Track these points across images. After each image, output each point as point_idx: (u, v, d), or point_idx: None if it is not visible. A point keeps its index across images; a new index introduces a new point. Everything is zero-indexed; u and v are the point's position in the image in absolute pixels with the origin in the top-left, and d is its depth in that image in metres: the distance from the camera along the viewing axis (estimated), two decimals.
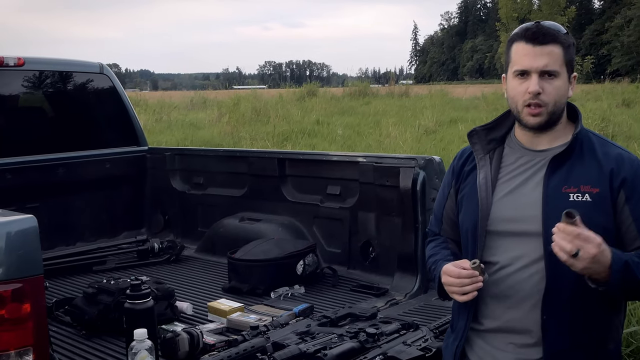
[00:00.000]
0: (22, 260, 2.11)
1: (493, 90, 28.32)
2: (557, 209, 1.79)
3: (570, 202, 1.81)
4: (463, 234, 2.02)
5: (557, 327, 1.84)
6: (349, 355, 2.41)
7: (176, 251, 4.39)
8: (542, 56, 1.82)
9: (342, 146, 12.89)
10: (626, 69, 59.88)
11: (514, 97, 1.89)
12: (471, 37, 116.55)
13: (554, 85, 1.84)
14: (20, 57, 4.26)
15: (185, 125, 18.28)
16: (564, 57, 1.84)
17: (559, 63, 1.84)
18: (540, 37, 1.83)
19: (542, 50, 1.82)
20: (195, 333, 2.61)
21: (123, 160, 4.86)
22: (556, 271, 1.80)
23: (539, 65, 1.82)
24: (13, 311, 2.08)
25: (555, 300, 1.82)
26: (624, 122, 14.64)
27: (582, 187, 1.82)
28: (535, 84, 1.82)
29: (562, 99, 1.87)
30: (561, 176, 1.85)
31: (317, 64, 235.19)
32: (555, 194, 1.83)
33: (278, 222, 4.14)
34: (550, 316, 1.84)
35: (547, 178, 1.86)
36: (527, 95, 1.84)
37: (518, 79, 1.87)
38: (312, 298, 3.42)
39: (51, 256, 3.99)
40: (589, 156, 1.86)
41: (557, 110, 1.87)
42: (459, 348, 2.01)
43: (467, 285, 1.83)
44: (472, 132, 2.04)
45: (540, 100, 1.83)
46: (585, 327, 1.85)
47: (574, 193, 1.82)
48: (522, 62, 1.85)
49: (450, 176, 2.11)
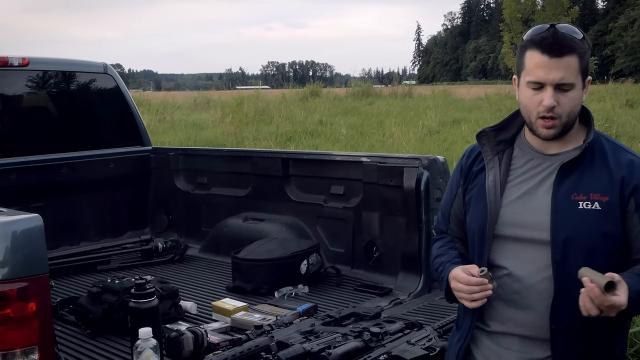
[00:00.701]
0: (27, 259, 2.11)
1: (496, 90, 28.31)
2: (566, 216, 1.79)
3: (579, 209, 1.79)
4: (470, 235, 2.00)
5: (567, 336, 1.82)
6: (353, 354, 2.40)
7: (180, 251, 4.40)
8: (558, 69, 1.75)
9: (346, 146, 12.87)
10: (630, 70, 59.76)
11: (527, 106, 1.84)
12: (474, 38, 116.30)
13: (569, 97, 1.78)
14: (24, 57, 4.27)
15: (188, 126, 18.28)
16: (580, 66, 1.78)
17: (575, 74, 1.78)
18: (557, 49, 1.75)
19: (559, 63, 1.75)
20: (199, 332, 2.61)
21: (127, 160, 4.87)
22: (565, 280, 1.78)
23: (555, 78, 1.76)
24: (18, 310, 2.08)
25: (565, 309, 1.79)
26: (628, 122, 14.61)
27: (592, 195, 1.78)
28: (550, 97, 1.76)
29: (576, 108, 1.83)
30: (571, 183, 1.81)
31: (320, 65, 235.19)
32: (564, 201, 1.81)
33: (282, 222, 4.15)
34: (559, 325, 1.82)
35: (556, 185, 1.83)
36: (541, 107, 1.78)
37: (532, 89, 1.81)
38: (316, 297, 3.43)
39: (55, 255, 4.00)
40: (600, 163, 1.83)
41: (571, 120, 1.83)
42: (463, 348, 2.00)
43: (476, 292, 1.81)
44: (481, 132, 2.00)
45: (555, 113, 1.78)
46: (594, 334, 1.83)
47: (583, 201, 1.79)
48: (536, 74, 1.78)
49: (458, 175, 2.07)
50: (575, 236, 1.79)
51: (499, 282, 1.87)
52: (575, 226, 1.79)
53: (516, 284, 1.87)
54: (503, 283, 1.89)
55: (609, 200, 1.78)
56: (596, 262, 1.76)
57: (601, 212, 1.78)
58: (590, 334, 1.83)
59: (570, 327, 1.81)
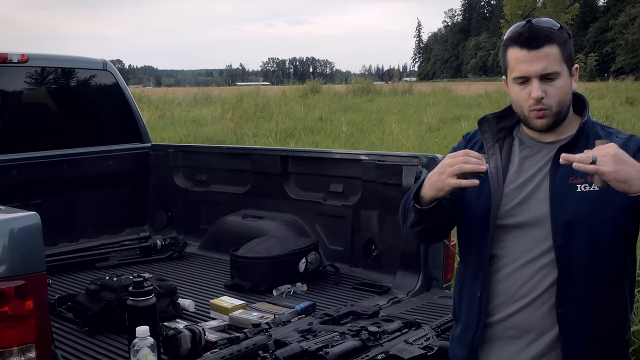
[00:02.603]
0: (24, 257, 2.11)
1: (496, 87, 28.24)
2: (564, 201, 1.79)
3: (577, 192, 1.79)
4: (465, 223, 1.96)
5: (575, 320, 1.81)
6: (350, 353, 2.40)
7: (179, 248, 4.39)
8: (538, 60, 1.78)
9: (345, 143, 12.88)
10: (630, 67, 59.78)
11: (517, 102, 1.87)
12: (475, 35, 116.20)
13: (556, 86, 1.81)
14: (23, 54, 4.26)
15: (188, 122, 18.29)
16: (562, 54, 1.81)
17: (558, 62, 1.80)
18: (534, 41, 1.78)
19: (538, 54, 1.78)
20: (197, 330, 2.61)
21: (126, 157, 4.86)
22: (568, 264, 1.79)
23: (538, 70, 1.79)
24: (16, 308, 2.08)
25: (570, 293, 1.79)
26: (628, 120, 14.65)
27: (589, 177, 1.77)
28: (537, 89, 1.79)
29: (566, 96, 1.85)
30: (567, 167, 1.77)
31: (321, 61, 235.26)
32: (562, 185, 1.81)
33: (281, 220, 4.14)
34: (566, 309, 1.81)
35: (553, 170, 1.84)
36: (530, 100, 1.81)
37: (519, 85, 1.84)
38: (315, 296, 3.42)
39: (54, 252, 4.00)
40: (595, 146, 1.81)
41: (562, 109, 1.84)
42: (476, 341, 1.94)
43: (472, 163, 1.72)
44: (482, 119, 2.01)
45: (544, 104, 1.81)
46: (603, 318, 1.83)
47: (581, 184, 1.79)
48: (520, 69, 1.81)
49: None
50: (576, 219, 1.79)
51: (499, 273, 1.86)
52: (575, 209, 1.79)
53: (516, 273, 1.86)
54: (503, 273, 1.88)
55: None
56: (599, 244, 1.77)
57: (599, 192, 1.76)
58: (600, 317, 1.82)
59: (578, 311, 1.81)
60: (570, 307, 1.81)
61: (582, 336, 1.83)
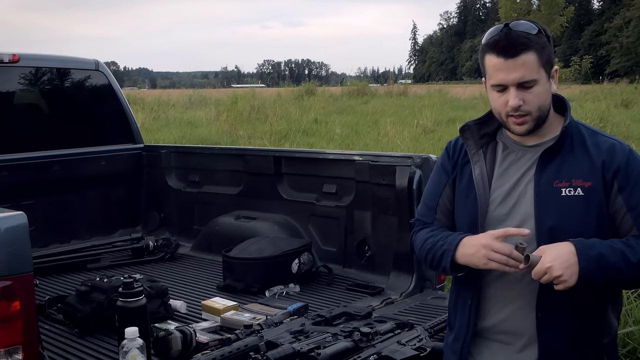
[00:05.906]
0: (11, 257, 2.08)
1: None
2: (549, 204, 1.79)
3: (562, 197, 1.78)
4: (457, 229, 1.97)
5: (552, 325, 1.83)
6: (342, 354, 2.38)
7: (171, 249, 4.37)
8: (516, 69, 1.75)
9: (340, 145, 12.86)
10: (625, 70, 60.01)
11: (496, 108, 1.86)
12: (470, 37, 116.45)
13: (535, 92, 1.78)
14: (14, 54, 4.23)
15: (183, 124, 18.27)
16: (539, 60, 1.77)
17: (536, 69, 1.77)
18: (511, 50, 1.75)
19: (515, 63, 1.75)
20: (188, 332, 2.58)
21: (119, 157, 4.83)
22: None
23: (515, 78, 1.76)
24: (2, 309, 2.05)
25: (551, 298, 1.79)
26: (622, 122, 14.68)
27: (574, 181, 1.78)
28: (514, 97, 1.77)
29: (545, 101, 1.82)
30: (552, 171, 1.81)
31: (316, 63, 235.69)
32: (546, 189, 1.81)
33: (274, 221, 4.12)
34: (545, 314, 1.82)
35: (537, 173, 1.83)
36: (508, 107, 1.80)
37: (497, 92, 1.82)
38: (307, 297, 3.40)
39: (45, 254, 3.97)
40: (579, 149, 1.83)
41: (542, 113, 1.83)
42: (465, 347, 1.97)
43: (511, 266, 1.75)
44: (464, 126, 2.00)
45: (522, 111, 1.79)
46: (580, 323, 1.84)
47: (565, 188, 1.79)
48: (497, 77, 1.79)
49: (448, 164, 2.03)
50: (560, 225, 1.78)
51: (487, 278, 1.88)
52: (560, 214, 1.79)
53: (503, 278, 1.86)
54: (491, 278, 1.89)
55: (592, 185, 1.78)
56: None
57: (584, 197, 1.77)
58: (577, 323, 1.83)
59: (556, 316, 1.82)
60: (549, 312, 1.82)
61: (558, 340, 1.83)
